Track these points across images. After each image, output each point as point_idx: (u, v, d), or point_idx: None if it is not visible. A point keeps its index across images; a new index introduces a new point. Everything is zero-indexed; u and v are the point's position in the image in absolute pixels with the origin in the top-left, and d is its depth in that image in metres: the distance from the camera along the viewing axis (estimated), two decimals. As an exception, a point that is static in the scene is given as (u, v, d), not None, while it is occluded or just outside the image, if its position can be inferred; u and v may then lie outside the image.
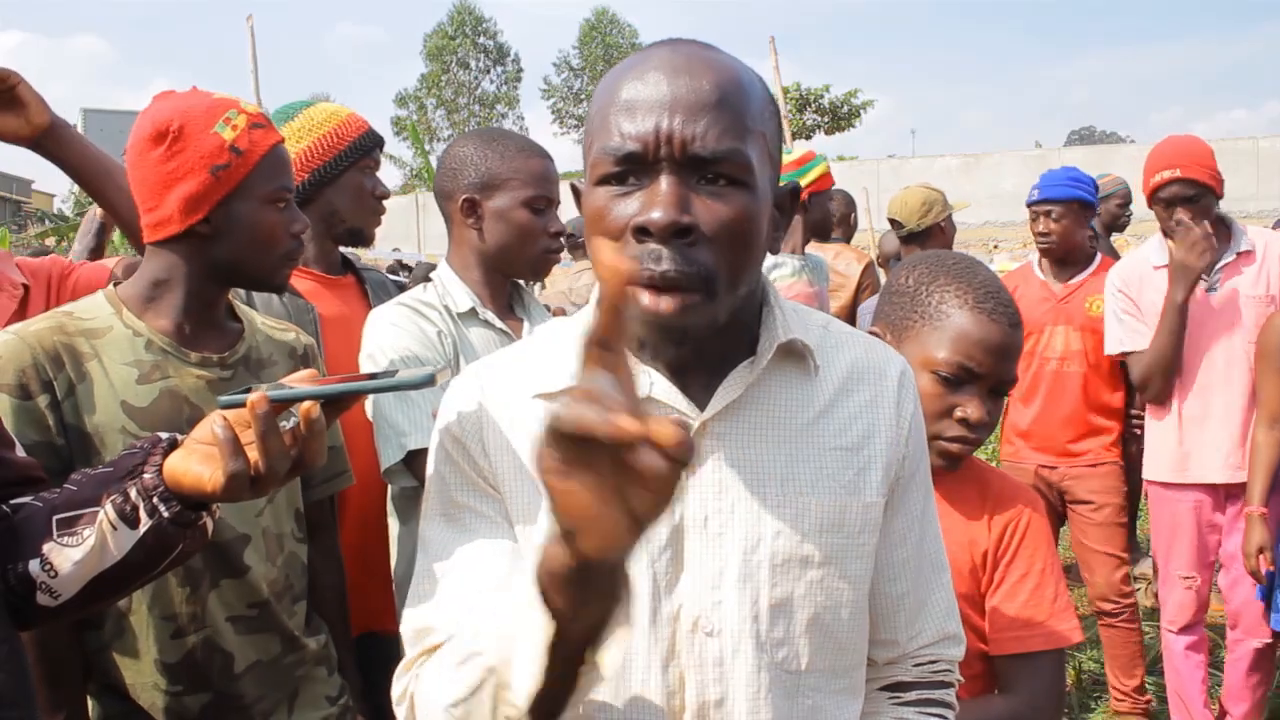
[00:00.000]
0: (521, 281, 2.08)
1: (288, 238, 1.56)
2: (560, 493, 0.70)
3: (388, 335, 1.81)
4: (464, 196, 1.92)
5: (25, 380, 1.39)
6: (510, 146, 1.94)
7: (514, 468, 1.01)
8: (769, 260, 3.36)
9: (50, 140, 1.78)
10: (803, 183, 3.51)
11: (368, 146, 2.13)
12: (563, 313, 2.39)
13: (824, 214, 3.62)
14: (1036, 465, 3.44)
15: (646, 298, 0.91)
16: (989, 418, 1.39)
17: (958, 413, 1.38)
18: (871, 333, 1.49)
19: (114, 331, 1.49)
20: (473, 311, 1.90)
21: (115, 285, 1.57)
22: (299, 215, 1.58)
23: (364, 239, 2.18)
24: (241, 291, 1.89)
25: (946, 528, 1.41)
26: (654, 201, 0.89)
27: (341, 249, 2.23)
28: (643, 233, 0.89)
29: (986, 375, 1.38)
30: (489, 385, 1.06)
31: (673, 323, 0.91)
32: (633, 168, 0.91)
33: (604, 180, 0.93)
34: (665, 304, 0.90)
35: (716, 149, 0.90)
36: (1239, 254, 2.96)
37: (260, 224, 1.52)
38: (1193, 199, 2.85)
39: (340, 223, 2.14)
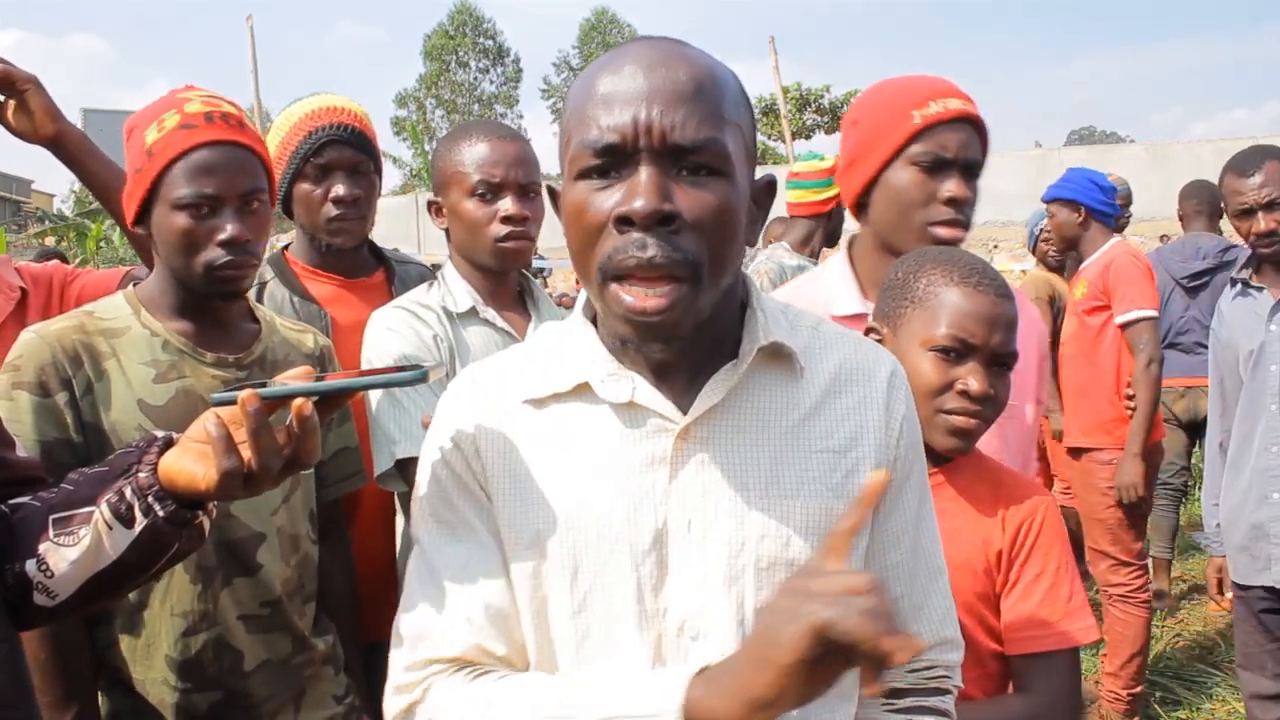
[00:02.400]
0: (531, 275, 2.02)
1: (208, 245, 1.47)
2: None
3: (383, 340, 1.78)
4: (429, 200, 1.92)
5: (45, 378, 1.42)
6: (461, 137, 1.87)
7: (507, 475, 1.02)
8: (793, 261, 3.36)
9: (56, 149, 1.84)
10: (833, 191, 3.53)
11: (307, 151, 1.97)
12: (567, 304, 2.34)
13: (840, 220, 3.69)
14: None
15: (631, 297, 0.90)
16: (992, 390, 1.40)
17: (959, 385, 1.40)
18: (870, 328, 1.49)
19: (132, 331, 1.50)
20: (473, 311, 1.85)
21: (134, 285, 1.58)
22: (229, 222, 1.46)
23: (335, 248, 2.02)
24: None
25: (960, 526, 1.41)
26: (635, 191, 0.89)
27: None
28: (625, 223, 0.90)
29: (982, 346, 1.40)
30: (483, 391, 1.06)
31: (660, 319, 0.90)
32: (612, 160, 0.91)
33: (583, 174, 0.93)
34: (652, 302, 0.90)
35: (695, 138, 0.90)
36: None
37: (170, 230, 1.47)
38: (975, 168, 1.64)
39: (309, 235, 2.05)
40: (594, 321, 1.06)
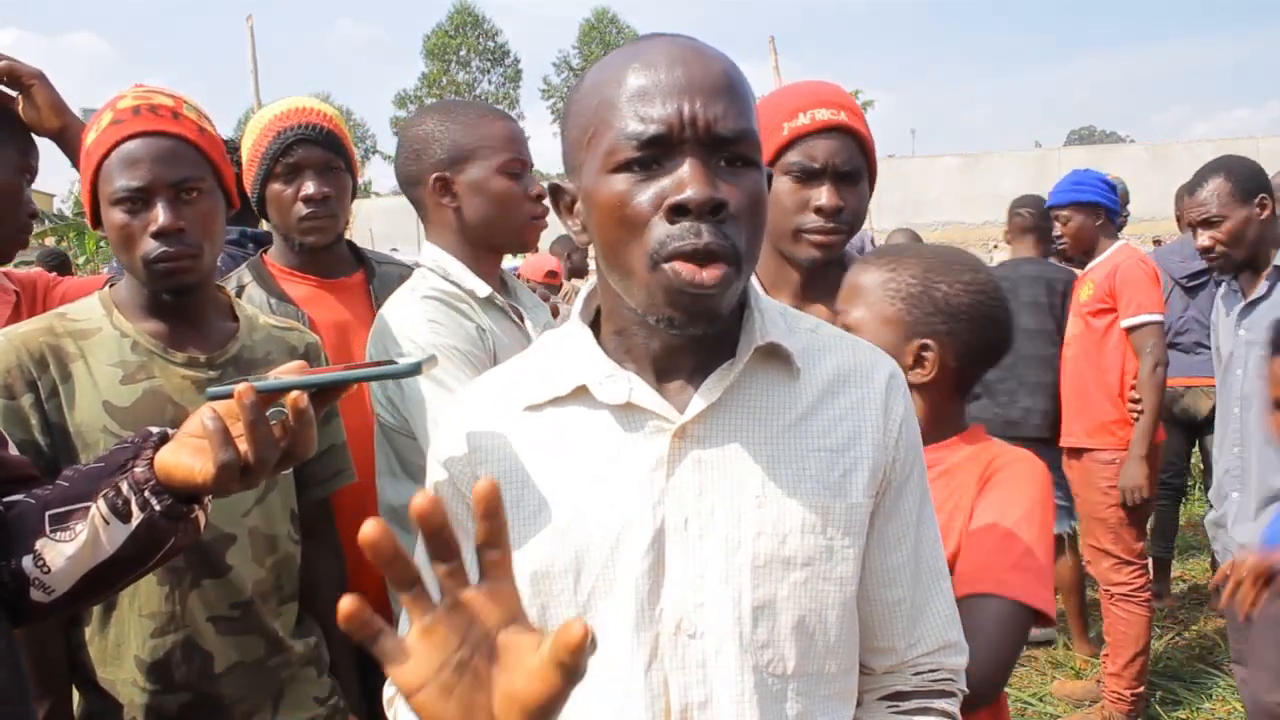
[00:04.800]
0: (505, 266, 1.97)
1: (143, 238, 1.45)
2: None
3: (428, 335, 1.68)
4: (434, 175, 1.80)
5: (10, 381, 1.42)
6: (471, 114, 1.84)
7: (506, 483, 1.02)
8: None
9: (61, 142, 1.89)
10: None
11: (276, 151, 1.99)
12: (548, 297, 2.28)
13: None
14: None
15: (686, 270, 0.91)
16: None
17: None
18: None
19: (102, 333, 1.50)
20: (490, 299, 1.80)
21: (111, 287, 1.58)
22: (161, 212, 1.44)
23: (308, 247, 2.03)
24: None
25: (943, 499, 1.35)
26: (686, 181, 0.91)
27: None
28: (679, 212, 0.91)
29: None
30: (485, 401, 1.07)
31: (712, 293, 0.92)
32: (655, 152, 0.92)
33: (621, 167, 0.93)
34: (707, 274, 0.91)
35: (736, 128, 0.93)
36: None
37: (110, 227, 1.47)
38: (851, 175, 1.62)
39: (283, 235, 2.06)
40: (592, 326, 1.06)
